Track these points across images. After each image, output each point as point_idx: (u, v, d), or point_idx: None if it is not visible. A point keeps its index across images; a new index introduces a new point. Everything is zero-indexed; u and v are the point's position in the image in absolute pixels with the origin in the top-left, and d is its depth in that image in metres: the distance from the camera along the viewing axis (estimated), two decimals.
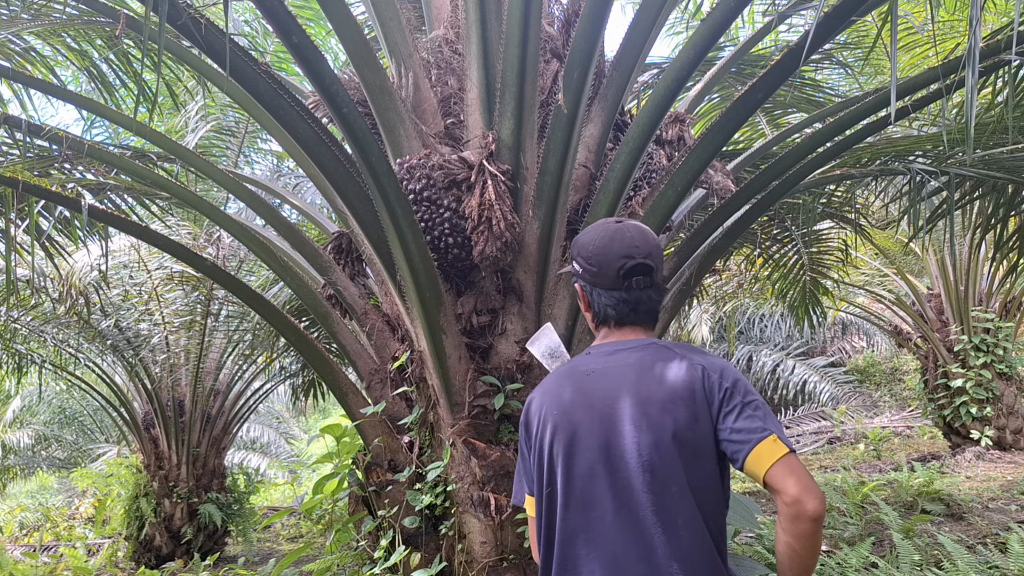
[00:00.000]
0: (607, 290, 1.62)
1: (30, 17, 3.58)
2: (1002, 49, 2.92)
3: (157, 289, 7.42)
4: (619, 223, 1.66)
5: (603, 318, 1.65)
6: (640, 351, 1.59)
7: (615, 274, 1.60)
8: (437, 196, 3.00)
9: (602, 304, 1.64)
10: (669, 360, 1.54)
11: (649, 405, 1.49)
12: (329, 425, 3.56)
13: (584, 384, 1.57)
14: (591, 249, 1.64)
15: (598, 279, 1.63)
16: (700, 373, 1.50)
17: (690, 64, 2.79)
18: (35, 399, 14.14)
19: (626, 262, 1.59)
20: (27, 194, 3.69)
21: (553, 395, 1.60)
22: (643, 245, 1.61)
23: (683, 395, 1.48)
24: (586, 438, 1.52)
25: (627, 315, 1.63)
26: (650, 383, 1.51)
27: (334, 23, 2.91)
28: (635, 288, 1.61)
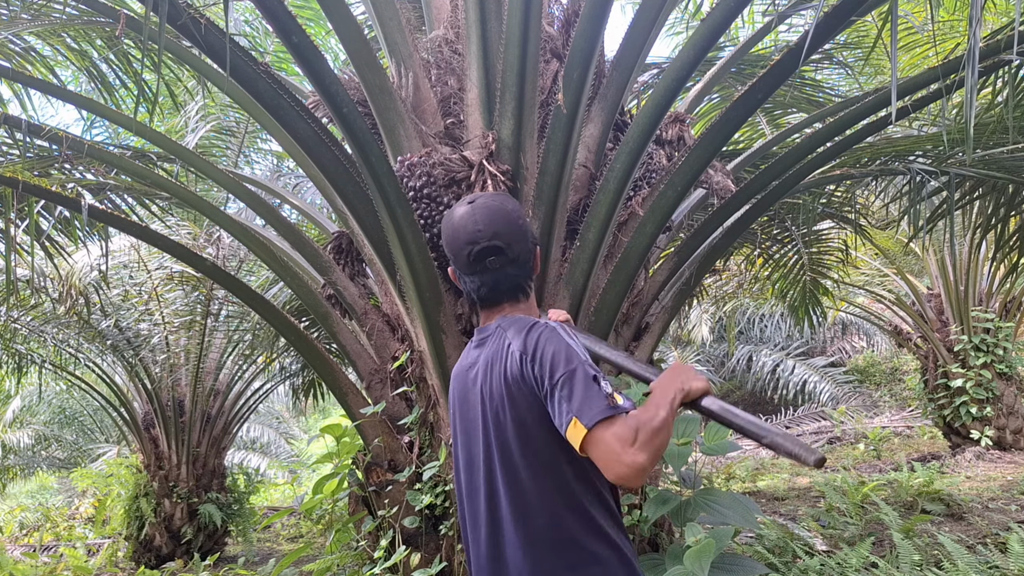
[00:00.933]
0: (467, 275, 1.66)
1: (30, 17, 3.58)
2: (1002, 49, 2.93)
3: (157, 289, 7.42)
4: (470, 204, 1.66)
5: (471, 301, 1.72)
6: (489, 344, 1.64)
7: (467, 260, 1.63)
8: (437, 194, 3.00)
9: (467, 289, 1.69)
10: (501, 351, 1.57)
11: (489, 401, 1.57)
12: (329, 425, 3.56)
13: (464, 379, 1.68)
14: (446, 237, 1.67)
15: (458, 265, 1.67)
16: (518, 361, 1.52)
17: (690, 64, 2.79)
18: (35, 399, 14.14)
19: (472, 248, 1.61)
20: (27, 194, 3.69)
21: (452, 389, 1.73)
22: (487, 227, 1.60)
23: (509, 384, 1.53)
24: (463, 436, 1.66)
25: (488, 296, 1.66)
26: (491, 377, 1.58)
27: (334, 23, 2.91)
28: (491, 269, 1.62)
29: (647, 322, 3.62)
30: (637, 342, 3.53)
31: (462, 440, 1.66)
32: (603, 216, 2.97)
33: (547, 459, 1.52)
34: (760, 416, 15.47)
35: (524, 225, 1.67)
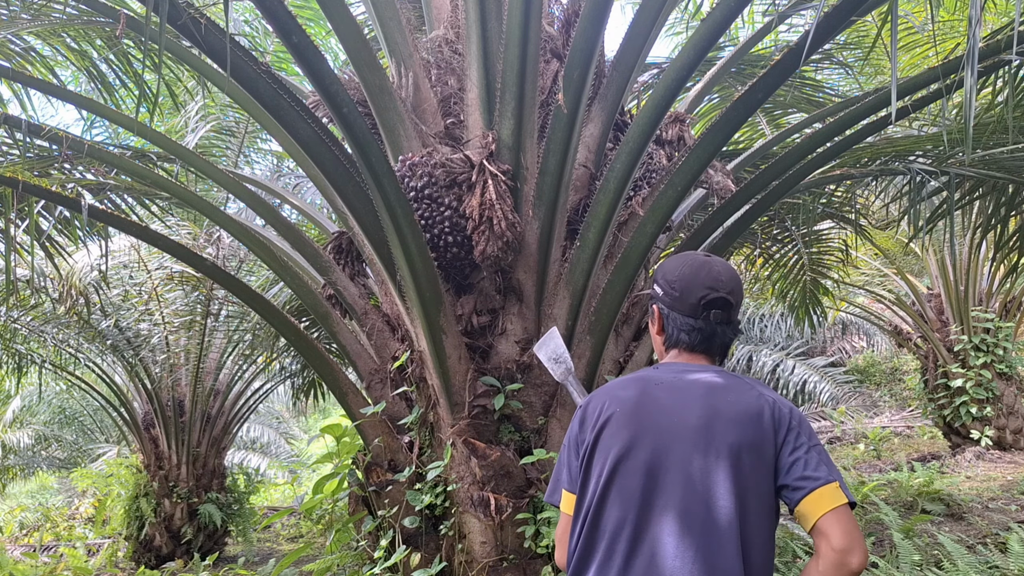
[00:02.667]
0: (684, 316, 1.66)
1: (30, 17, 3.58)
2: (1002, 49, 2.92)
3: (157, 289, 7.42)
4: (708, 257, 1.70)
5: (675, 342, 1.69)
6: (711, 374, 1.61)
7: (696, 302, 1.64)
8: (438, 194, 3.00)
9: (676, 328, 1.67)
10: (740, 387, 1.57)
11: (716, 420, 1.50)
12: (329, 425, 3.56)
13: (652, 391, 1.59)
14: (676, 275, 1.68)
15: (677, 304, 1.66)
16: (770, 404, 1.53)
17: (690, 64, 2.79)
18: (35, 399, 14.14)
19: (708, 293, 1.63)
20: (27, 194, 3.68)
21: (616, 397, 1.61)
22: (728, 282, 1.65)
23: (751, 418, 1.50)
24: (646, 441, 1.53)
25: (699, 344, 1.66)
26: (719, 401, 1.53)
27: (334, 23, 2.90)
28: (712, 320, 1.64)
29: (647, 322, 3.62)
30: (637, 342, 3.53)
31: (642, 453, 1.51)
32: (603, 216, 2.97)
33: (769, 508, 1.49)
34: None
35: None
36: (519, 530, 2.95)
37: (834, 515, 1.39)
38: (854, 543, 1.36)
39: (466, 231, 2.98)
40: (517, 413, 3.11)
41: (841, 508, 1.40)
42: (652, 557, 1.45)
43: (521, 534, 2.95)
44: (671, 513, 1.46)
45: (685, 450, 1.49)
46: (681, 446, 1.50)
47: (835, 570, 1.37)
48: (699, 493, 1.46)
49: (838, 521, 1.39)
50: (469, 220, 2.94)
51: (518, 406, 3.08)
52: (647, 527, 1.48)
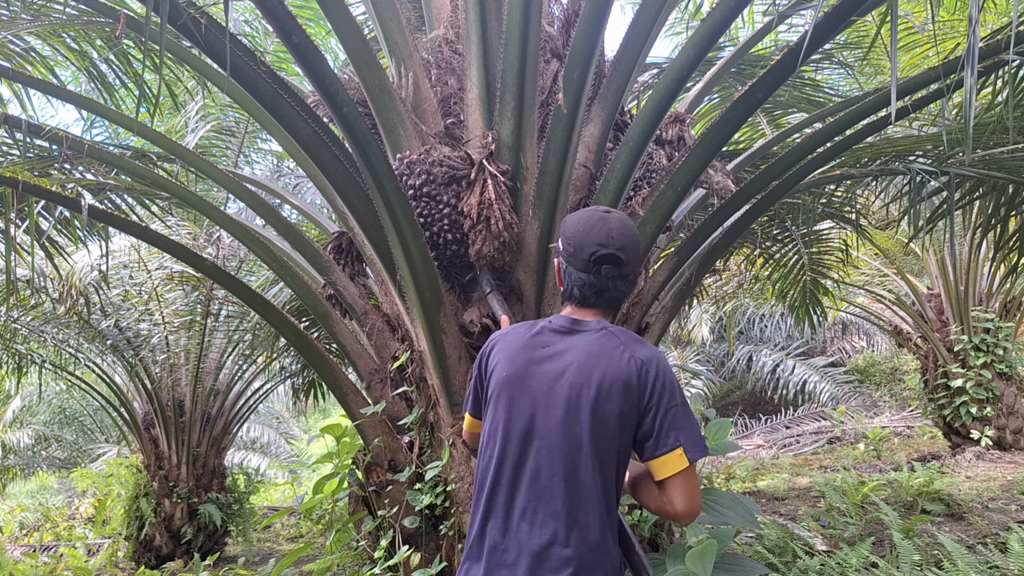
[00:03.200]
0: (578, 271, 1.76)
1: (30, 17, 3.58)
2: (1002, 49, 2.92)
3: (157, 289, 7.42)
4: (607, 212, 1.79)
5: (569, 295, 1.81)
6: (590, 336, 1.73)
7: (587, 258, 1.74)
8: (437, 192, 3.00)
9: (571, 282, 1.79)
10: (613, 351, 1.69)
11: (585, 390, 1.65)
12: (329, 425, 3.56)
13: (535, 356, 1.73)
14: (573, 231, 1.78)
15: (572, 259, 1.77)
16: (639, 367, 1.66)
17: (690, 64, 2.79)
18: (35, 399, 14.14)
19: (598, 250, 1.73)
20: (27, 194, 3.68)
21: (509, 359, 1.75)
22: (619, 238, 1.74)
23: (620, 386, 1.64)
24: (526, 407, 1.69)
25: (590, 297, 1.77)
26: (593, 369, 1.66)
27: (334, 23, 2.90)
28: (603, 275, 1.74)
29: (647, 322, 3.62)
30: None
31: (516, 409, 1.70)
32: None
33: (615, 460, 1.66)
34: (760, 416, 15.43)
35: (642, 254, 1.86)
36: None
37: (676, 480, 1.62)
38: (687, 512, 1.63)
39: (465, 229, 2.98)
40: None
41: (682, 473, 1.62)
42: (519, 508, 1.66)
43: None
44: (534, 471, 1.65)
45: (558, 422, 1.65)
46: (554, 416, 1.66)
47: (667, 518, 1.71)
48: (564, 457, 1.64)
49: (677, 486, 1.62)
50: (467, 218, 2.94)
51: None
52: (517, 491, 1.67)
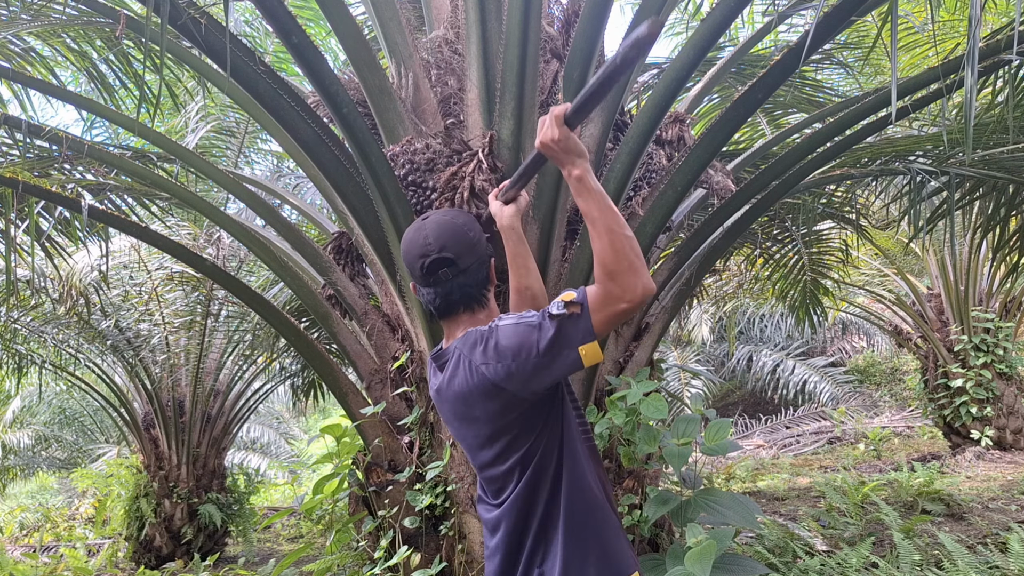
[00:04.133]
0: (423, 287, 1.74)
1: (30, 18, 3.58)
2: (1002, 49, 2.93)
3: (157, 289, 7.42)
4: (422, 221, 1.75)
5: (430, 312, 1.77)
6: (449, 368, 1.68)
7: (420, 273, 1.71)
8: (421, 179, 2.99)
9: (424, 301, 1.76)
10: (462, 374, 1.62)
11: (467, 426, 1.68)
12: (329, 425, 3.56)
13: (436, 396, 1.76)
14: (403, 252, 1.76)
15: (414, 278, 1.75)
16: (478, 376, 1.58)
17: (690, 64, 2.79)
18: (35, 399, 14.14)
19: (423, 260, 1.68)
20: (27, 194, 3.69)
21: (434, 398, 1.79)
22: (436, 240, 1.68)
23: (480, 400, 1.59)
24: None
25: (443, 306, 1.73)
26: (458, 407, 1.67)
27: (333, 23, 2.90)
28: (443, 280, 1.69)
29: (647, 322, 3.62)
30: (637, 342, 3.53)
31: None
32: None
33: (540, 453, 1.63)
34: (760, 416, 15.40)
35: (474, 237, 1.73)
36: None
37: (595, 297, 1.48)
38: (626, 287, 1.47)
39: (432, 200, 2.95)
40: None
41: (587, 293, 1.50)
42: None
43: None
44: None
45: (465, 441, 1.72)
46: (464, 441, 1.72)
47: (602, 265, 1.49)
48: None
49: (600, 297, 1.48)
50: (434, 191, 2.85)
51: None
52: None
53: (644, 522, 2.92)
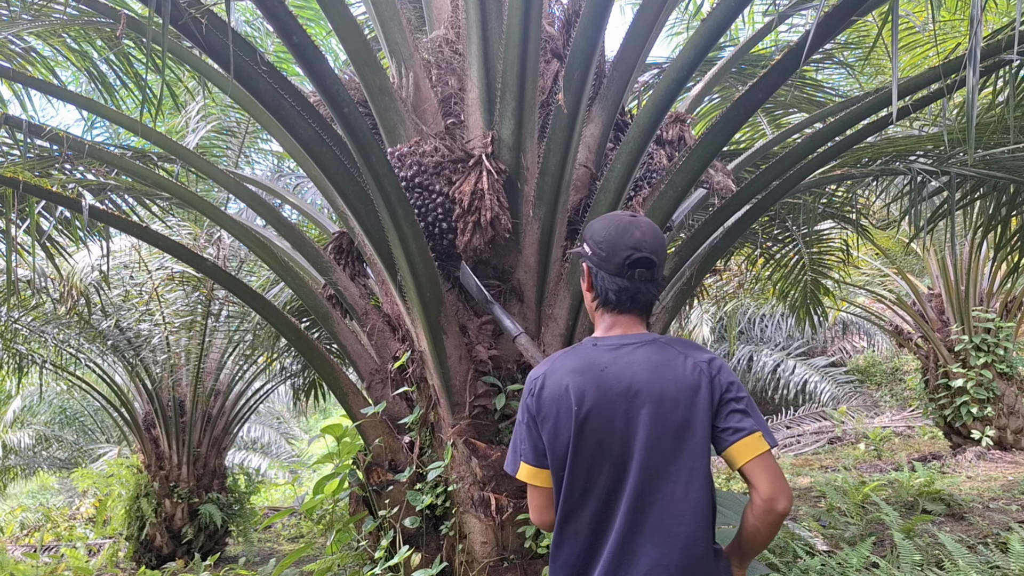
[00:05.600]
0: (611, 275, 1.75)
1: (30, 18, 3.58)
2: (1003, 49, 2.92)
3: (158, 289, 7.42)
4: (633, 217, 1.80)
5: (604, 300, 1.78)
6: (644, 348, 1.71)
7: (621, 262, 1.73)
8: (428, 181, 3.00)
9: (604, 287, 1.77)
10: (674, 359, 1.68)
11: (662, 403, 1.62)
12: (330, 425, 3.56)
13: (601, 380, 1.66)
14: (603, 235, 1.77)
15: (605, 264, 1.76)
16: (704, 371, 1.66)
17: (690, 64, 2.79)
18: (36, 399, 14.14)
19: (632, 253, 1.73)
20: (27, 194, 3.69)
21: (573, 387, 1.67)
22: (651, 242, 1.75)
23: (690, 393, 1.63)
24: (608, 431, 1.63)
25: (626, 303, 1.76)
26: (660, 382, 1.64)
27: (334, 23, 2.90)
28: (636, 279, 1.74)
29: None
30: None
31: (596, 439, 1.64)
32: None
33: (707, 468, 1.64)
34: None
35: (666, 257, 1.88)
36: (519, 530, 2.95)
37: (757, 462, 1.59)
38: (777, 490, 1.57)
39: (454, 217, 2.97)
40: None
41: (763, 455, 1.59)
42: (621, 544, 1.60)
43: (522, 534, 2.95)
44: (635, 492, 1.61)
45: (643, 434, 1.62)
46: (637, 432, 1.62)
47: (765, 515, 1.59)
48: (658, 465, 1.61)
49: (761, 468, 1.59)
50: (458, 205, 2.92)
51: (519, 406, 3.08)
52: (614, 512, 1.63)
53: None
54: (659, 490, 1.60)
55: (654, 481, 1.60)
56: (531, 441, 1.74)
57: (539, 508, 1.78)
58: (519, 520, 2.94)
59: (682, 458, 1.61)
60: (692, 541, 1.59)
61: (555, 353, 1.81)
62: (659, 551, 1.59)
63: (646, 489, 1.60)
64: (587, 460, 1.64)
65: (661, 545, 1.59)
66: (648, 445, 1.60)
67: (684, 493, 1.60)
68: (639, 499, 1.60)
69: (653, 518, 1.60)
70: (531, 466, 1.74)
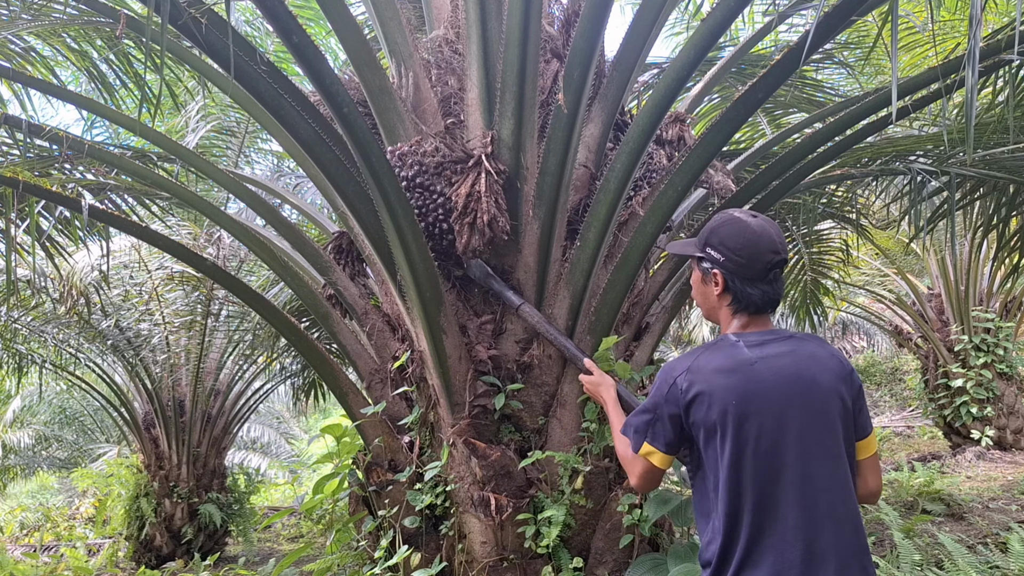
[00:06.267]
0: (752, 281, 1.78)
1: (30, 17, 3.58)
2: (1002, 49, 2.92)
3: (157, 289, 7.42)
4: (756, 217, 1.82)
5: (745, 306, 1.81)
6: (787, 342, 1.78)
7: (763, 267, 1.77)
8: (430, 182, 3.00)
9: (747, 293, 1.79)
10: (817, 350, 1.77)
11: (815, 392, 1.69)
12: (329, 425, 3.56)
13: (752, 374, 1.71)
14: (740, 241, 1.79)
15: (744, 270, 1.78)
16: (845, 364, 1.77)
17: (690, 64, 2.79)
18: (35, 399, 14.13)
19: (774, 257, 1.78)
20: (27, 194, 3.69)
21: (724, 384, 1.71)
22: (782, 242, 1.81)
23: (841, 382, 1.73)
24: (766, 423, 1.67)
25: (767, 305, 1.81)
26: (814, 370, 1.72)
27: (334, 23, 2.90)
28: (775, 280, 1.80)
29: (647, 322, 3.62)
30: (638, 342, 3.52)
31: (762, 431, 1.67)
32: (603, 216, 2.97)
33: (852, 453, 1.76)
34: None
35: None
36: (519, 530, 2.95)
37: (874, 459, 1.82)
38: (880, 485, 1.84)
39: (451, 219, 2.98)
40: (517, 413, 3.10)
41: (876, 454, 1.83)
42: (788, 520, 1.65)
43: (521, 534, 2.95)
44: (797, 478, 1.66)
45: (800, 423, 1.68)
46: (795, 421, 1.68)
47: (868, 499, 1.84)
48: (818, 462, 1.67)
49: (877, 465, 1.83)
50: (454, 208, 2.93)
51: (518, 406, 3.08)
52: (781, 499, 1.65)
53: (644, 521, 2.92)
54: (819, 478, 1.66)
55: (813, 469, 1.66)
56: (663, 430, 1.80)
57: (650, 481, 1.91)
58: (519, 520, 2.94)
59: (838, 443, 1.69)
60: (859, 521, 1.69)
61: (693, 350, 1.83)
62: (834, 534, 1.64)
63: (807, 478, 1.65)
64: (747, 455, 1.67)
65: (833, 528, 1.64)
66: (805, 434, 1.66)
67: (841, 478, 1.68)
68: (801, 488, 1.65)
69: (821, 504, 1.65)
70: (659, 451, 1.82)
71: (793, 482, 1.65)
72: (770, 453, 1.67)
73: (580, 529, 3.05)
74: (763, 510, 1.66)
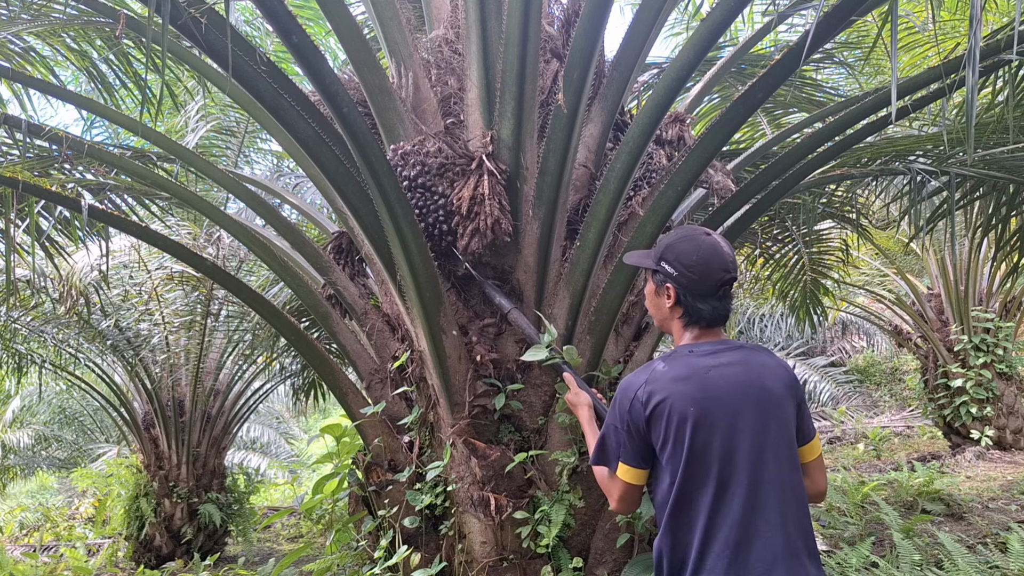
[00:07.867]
0: (703, 297, 1.87)
1: (30, 17, 3.58)
2: (1002, 49, 2.92)
3: (157, 289, 7.42)
4: (709, 235, 1.91)
5: (696, 320, 1.89)
6: (738, 351, 1.86)
7: (714, 284, 1.85)
8: (432, 183, 3.00)
9: (697, 308, 1.88)
10: (767, 359, 1.87)
11: (767, 399, 1.79)
12: (329, 425, 3.56)
13: (707, 382, 1.79)
14: (694, 258, 1.87)
15: (696, 286, 1.86)
16: (790, 372, 1.88)
17: (690, 64, 2.79)
18: (35, 399, 14.13)
19: (725, 276, 1.86)
20: (27, 194, 3.68)
21: (682, 391, 1.79)
22: (734, 262, 1.90)
23: (789, 390, 1.83)
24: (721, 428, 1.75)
25: (718, 320, 1.89)
26: (763, 379, 1.81)
27: (333, 23, 2.90)
28: (725, 297, 1.89)
29: (647, 322, 3.62)
30: (637, 342, 3.52)
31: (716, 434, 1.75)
32: (603, 216, 2.97)
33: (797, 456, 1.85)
34: None
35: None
36: (519, 530, 2.95)
37: (820, 460, 1.92)
38: (826, 487, 1.94)
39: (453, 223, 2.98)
40: (517, 413, 3.10)
41: (821, 456, 1.93)
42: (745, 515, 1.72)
43: (520, 534, 2.95)
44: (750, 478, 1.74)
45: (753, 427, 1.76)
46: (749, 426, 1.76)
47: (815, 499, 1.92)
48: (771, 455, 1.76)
49: (822, 466, 1.94)
50: (456, 212, 2.93)
51: (518, 406, 3.08)
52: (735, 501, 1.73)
53: (637, 519, 2.93)
54: (770, 479, 1.73)
55: (765, 470, 1.73)
56: (632, 445, 1.86)
57: (631, 502, 1.95)
58: (518, 520, 2.94)
59: (785, 447, 1.78)
60: (808, 521, 1.78)
61: (650, 363, 1.91)
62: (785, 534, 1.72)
63: (759, 478, 1.73)
64: (703, 457, 1.74)
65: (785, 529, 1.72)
66: (758, 437, 1.75)
67: (791, 479, 1.77)
68: (753, 487, 1.73)
69: (774, 505, 1.73)
70: (631, 467, 1.88)
71: (746, 484, 1.73)
72: (725, 457, 1.74)
73: (580, 529, 3.05)
74: (718, 511, 1.73)
